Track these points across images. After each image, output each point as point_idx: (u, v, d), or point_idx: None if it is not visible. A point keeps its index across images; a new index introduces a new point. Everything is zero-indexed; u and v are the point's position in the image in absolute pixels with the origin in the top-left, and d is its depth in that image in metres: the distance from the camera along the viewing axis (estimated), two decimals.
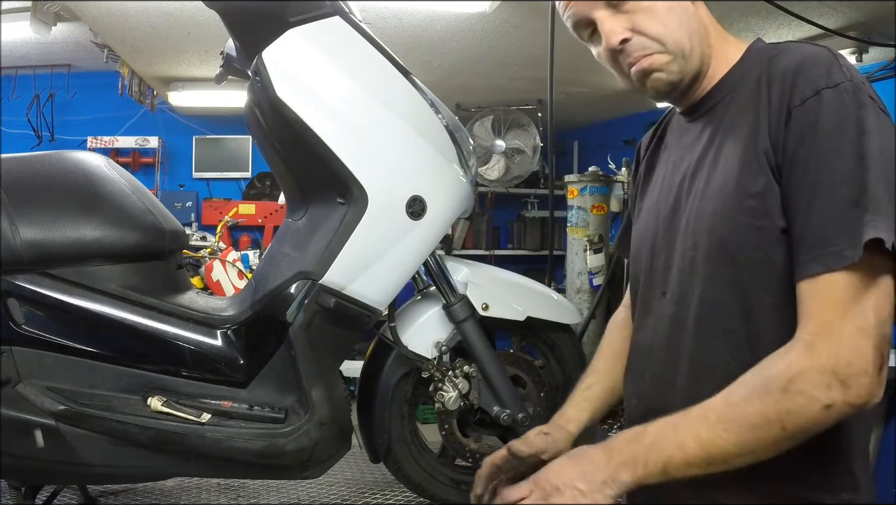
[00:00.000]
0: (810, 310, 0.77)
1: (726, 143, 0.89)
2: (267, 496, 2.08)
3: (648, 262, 1.01)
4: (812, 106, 0.79)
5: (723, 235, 0.86)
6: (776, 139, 0.82)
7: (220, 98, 3.91)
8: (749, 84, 0.89)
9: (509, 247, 5.03)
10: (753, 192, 0.83)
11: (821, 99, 0.79)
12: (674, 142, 1.04)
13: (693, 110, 0.98)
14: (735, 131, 0.88)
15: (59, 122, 4.57)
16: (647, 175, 1.10)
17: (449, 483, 1.83)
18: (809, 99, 0.80)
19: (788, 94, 0.82)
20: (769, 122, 0.83)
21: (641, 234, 1.05)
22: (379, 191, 1.56)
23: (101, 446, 1.49)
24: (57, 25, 3.05)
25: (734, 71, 0.93)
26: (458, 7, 2.51)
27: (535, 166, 4.29)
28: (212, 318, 1.62)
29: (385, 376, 1.76)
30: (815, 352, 0.74)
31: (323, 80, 1.55)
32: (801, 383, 0.73)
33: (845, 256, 0.74)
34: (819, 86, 0.80)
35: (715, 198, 0.88)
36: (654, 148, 1.11)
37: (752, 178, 0.83)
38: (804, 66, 0.83)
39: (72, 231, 1.53)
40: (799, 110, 0.80)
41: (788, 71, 0.83)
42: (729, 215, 0.85)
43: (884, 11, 2.37)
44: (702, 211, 0.90)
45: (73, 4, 2.58)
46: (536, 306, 1.82)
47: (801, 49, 0.86)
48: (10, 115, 4.44)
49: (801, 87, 0.81)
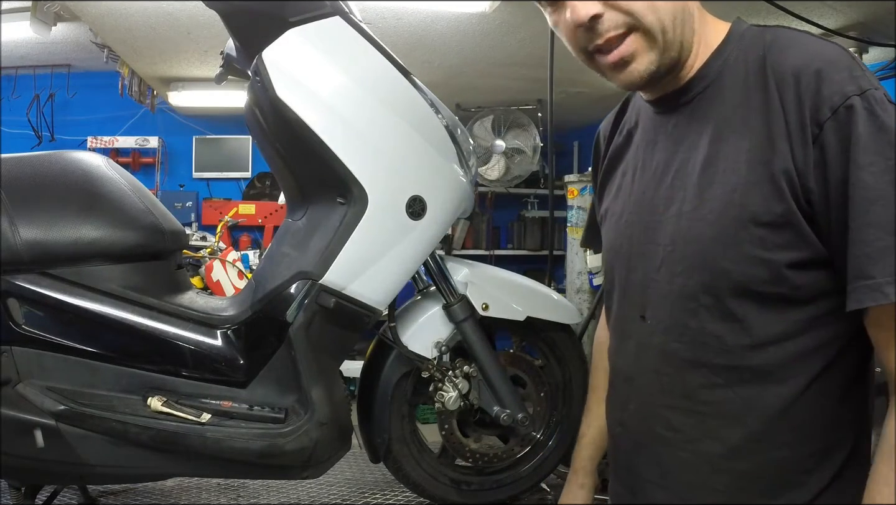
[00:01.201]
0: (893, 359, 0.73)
1: (721, 151, 0.79)
2: (267, 496, 2.07)
3: (623, 277, 0.93)
4: (843, 117, 0.70)
5: (726, 267, 0.77)
6: (803, 160, 0.72)
7: (220, 98, 3.92)
8: (739, 74, 0.79)
9: (509, 247, 5.03)
10: (765, 220, 0.74)
11: (853, 109, 0.70)
12: (641, 136, 0.93)
13: (665, 101, 0.86)
14: (731, 137, 0.78)
15: (59, 122, 4.58)
16: (612, 170, 1.00)
17: (449, 483, 1.83)
18: (839, 108, 0.70)
19: (812, 103, 0.72)
20: (789, 138, 0.73)
21: (612, 243, 0.96)
22: (379, 191, 1.56)
23: (101, 446, 1.49)
24: (57, 25, 3.05)
25: (715, 57, 0.81)
26: (458, 7, 2.51)
27: (535, 166, 4.29)
28: (212, 318, 1.62)
29: (385, 376, 1.76)
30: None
31: (323, 80, 1.55)
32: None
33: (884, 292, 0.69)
34: (847, 92, 0.71)
35: (714, 221, 0.78)
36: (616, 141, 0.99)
37: (764, 204, 0.74)
38: (825, 70, 0.72)
39: (72, 231, 1.53)
40: (831, 124, 0.71)
41: (804, 73, 0.73)
42: (732, 244, 0.76)
43: (884, 11, 2.37)
44: (695, 233, 0.80)
45: (73, 4, 2.58)
46: (536, 306, 1.82)
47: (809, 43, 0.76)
48: (10, 115, 4.45)
49: (827, 96, 0.71)
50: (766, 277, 0.76)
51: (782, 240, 0.74)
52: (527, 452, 1.88)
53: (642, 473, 0.92)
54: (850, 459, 0.81)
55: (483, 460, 1.80)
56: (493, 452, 1.82)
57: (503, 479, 1.86)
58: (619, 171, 0.98)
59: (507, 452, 1.84)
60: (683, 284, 0.81)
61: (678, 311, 0.82)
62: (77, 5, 2.56)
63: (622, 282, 0.94)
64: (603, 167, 1.03)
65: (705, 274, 0.79)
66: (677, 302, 0.82)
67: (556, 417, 1.89)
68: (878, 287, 0.69)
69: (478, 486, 1.85)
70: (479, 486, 1.85)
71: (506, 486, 1.86)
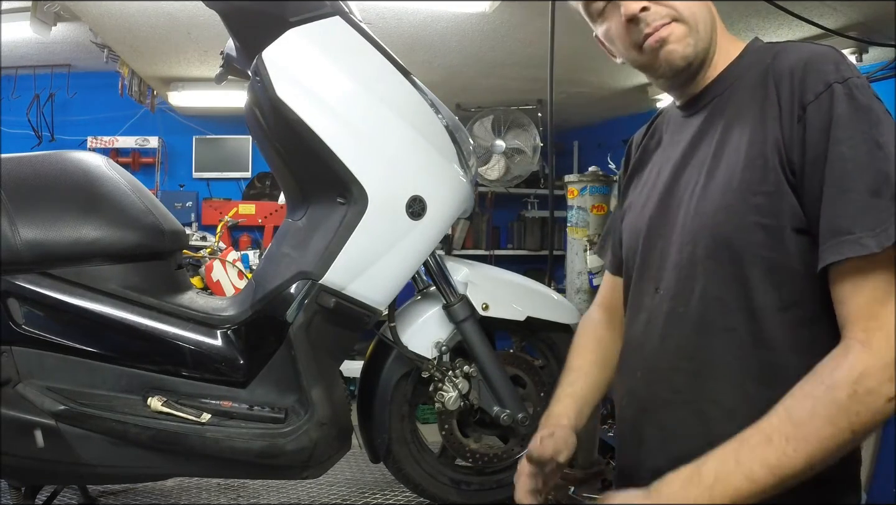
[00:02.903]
0: (856, 306, 0.76)
1: (729, 139, 0.89)
2: (267, 496, 2.08)
3: (642, 257, 1.00)
4: (825, 100, 0.79)
5: (727, 233, 0.85)
6: (789, 136, 0.81)
7: (220, 98, 3.91)
8: (750, 80, 0.89)
9: (509, 247, 5.03)
10: (761, 189, 0.83)
11: (833, 93, 0.79)
12: (669, 138, 1.04)
13: (691, 104, 0.98)
14: (737, 127, 0.88)
15: (59, 122, 4.57)
16: (638, 171, 1.09)
17: (449, 483, 1.83)
18: (822, 94, 0.80)
19: (799, 90, 0.82)
20: (780, 119, 0.83)
21: (634, 227, 1.03)
22: (379, 191, 1.56)
23: (101, 446, 1.49)
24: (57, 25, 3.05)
25: (733, 66, 0.94)
26: (458, 7, 2.51)
27: (535, 166, 4.28)
28: (212, 318, 1.62)
29: (385, 376, 1.76)
30: (873, 348, 0.73)
31: (323, 80, 1.55)
32: (868, 382, 0.72)
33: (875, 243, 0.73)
34: (829, 80, 0.80)
35: (718, 194, 0.87)
36: (646, 144, 1.10)
37: (759, 176, 0.83)
38: (812, 62, 0.83)
39: (72, 231, 1.53)
40: (813, 105, 0.80)
41: (797, 68, 0.83)
42: (734, 212, 0.84)
43: (884, 11, 2.37)
44: (703, 207, 0.89)
45: (73, 4, 2.58)
46: (536, 306, 1.82)
47: (806, 47, 0.87)
48: (10, 115, 4.44)
49: (812, 83, 0.81)
50: (764, 241, 0.82)
51: (775, 207, 0.82)
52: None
53: (646, 439, 0.94)
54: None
55: (483, 460, 1.80)
56: (493, 452, 1.82)
57: (503, 479, 1.86)
58: (647, 169, 1.07)
59: (507, 452, 1.84)
60: (691, 253, 0.89)
61: (684, 277, 0.90)
62: (77, 5, 2.56)
63: (641, 261, 1.00)
64: (631, 168, 1.13)
65: (709, 240, 0.87)
66: (684, 269, 0.90)
67: None
68: (856, 240, 0.74)
69: (478, 486, 1.85)
70: (479, 486, 1.85)
71: (506, 486, 1.86)
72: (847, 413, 0.72)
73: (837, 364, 0.74)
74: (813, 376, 0.75)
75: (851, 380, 0.72)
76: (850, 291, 0.77)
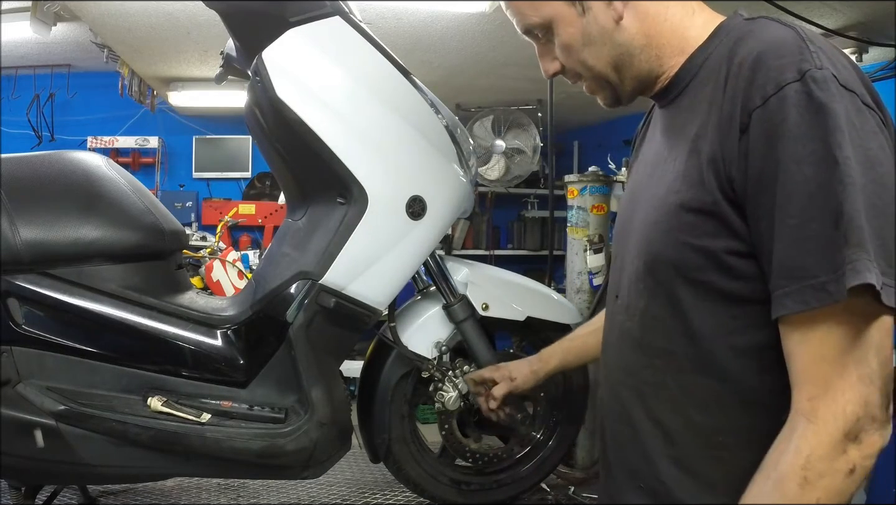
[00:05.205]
0: (803, 366, 0.66)
1: (679, 140, 0.79)
2: (267, 496, 2.08)
3: (615, 259, 0.96)
4: (774, 106, 0.66)
5: (659, 251, 0.78)
6: (730, 149, 0.70)
7: (220, 98, 3.91)
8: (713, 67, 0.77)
9: (509, 247, 5.03)
10: (693, 206, 0.73)
11: (784, 97, 0.66)
12: (651, 132, 0.97)
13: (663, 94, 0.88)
14: (686, 127, 0.78)
15: (59, 122, 4.57)
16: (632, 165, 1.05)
17: (449, 483, 1.83)
18: (771, 98, 0.67)
19: (745, 93, 0.69)
20: (718, 127, 0.71)
21: (615, 230, 1.01)
22: (379, 191, 1.56)
23: (101, 446, 1.49)
24: (57, 25, 3.05)
25: (698, 53, 0.81)
26: (458, 7, 2.51)
27: (535, 166, 4.28)
28: (212, 318, 1.62)
29: (385, 376, 1.76)
30: (818, 423, 0.64)
31: (323, 80, 1.55)
32: (818, 465, 0.64)
33: (829, 291, 0.62)
34: (782, 80, 0.66)
35: (657, 207, 0.79)
36: (640, 137, 1.04)
37: (692, 191, 0.73)
38: (765, 56, 0.69)
39: (72, 231, 1.53)
40: (760, 113, 0.67)
41: (747, 62, 0.70)
42: (665, 229, 0.77)
43: (884, 11, 2.37)
44: (648, 218, 0.81)
45: (73, 4, 2.58)
46: (536, 306, 1.82)
47: (768, 32, 0.73)
48: (10, 115, 4.44)
49: (760, 83, 0.68)
50: (699, 263, 0.74)
51: (711, 228, 0.72)
52: (527, 452, 1.88)
53: (606, 440, 0.93)
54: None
55: (483, 460, 1.80)
56: (493, 452, 1.82)
57: (503, 479, 1.86)
58: (633, 168, 1.03)
59: (507, 452, 1.84)
60: (637, 267, 0.84)
61: (633, 291, 0.85)
62: (77, 5, 2.56)
63: (615, 264, 0.97)
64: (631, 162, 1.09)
65: (649, 257, 0.80)
66: (632, 284, 0.85)
67: (556, 417, 1.89)
68: (821, 286, 0.63)
69: (478, 486, 1.85)
70: (479, 486, 1.85)
71: (506, 486, 1.86)
72: (806, 501, 0.64)
73: (784, 449, 0.66)
74: (762, 470, 0.68)
75: (798, 467, 0.64)
76: (796, 345, 0.67)
